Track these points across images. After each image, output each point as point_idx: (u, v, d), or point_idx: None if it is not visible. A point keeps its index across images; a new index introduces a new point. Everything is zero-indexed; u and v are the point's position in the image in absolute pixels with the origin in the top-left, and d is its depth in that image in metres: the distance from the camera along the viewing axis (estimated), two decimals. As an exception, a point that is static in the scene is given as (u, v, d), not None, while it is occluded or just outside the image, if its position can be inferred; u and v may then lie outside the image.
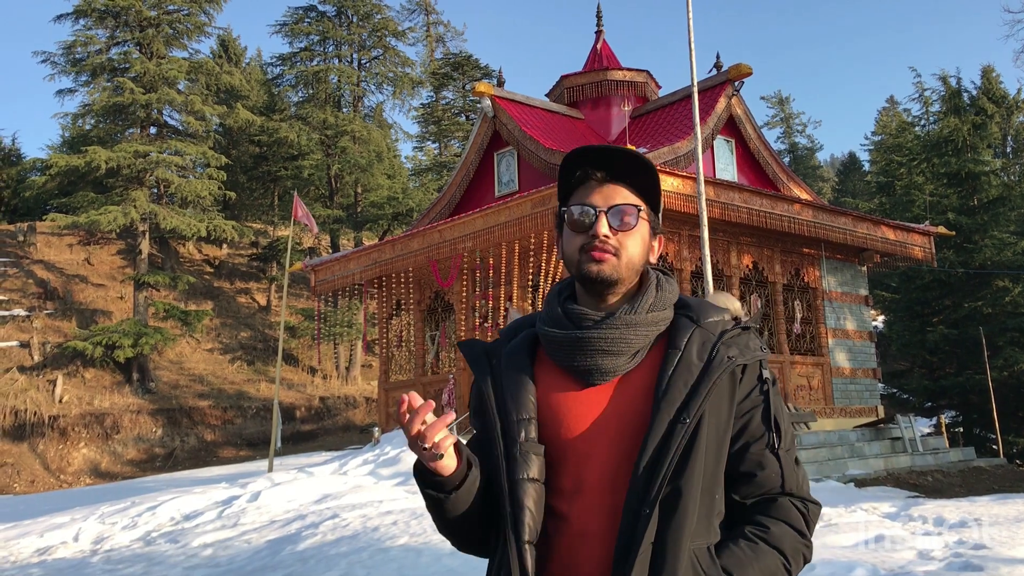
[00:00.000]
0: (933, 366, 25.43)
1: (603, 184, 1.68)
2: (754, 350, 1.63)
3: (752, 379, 1.63)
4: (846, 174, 62.28)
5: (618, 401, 1.60)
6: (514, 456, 1.59)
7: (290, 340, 33.16)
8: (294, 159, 38.13)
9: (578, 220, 1.66)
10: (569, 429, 1.61)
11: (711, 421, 1.55)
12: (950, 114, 27.26)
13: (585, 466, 1.59)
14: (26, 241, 36.97)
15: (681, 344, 1.61)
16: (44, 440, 26.34)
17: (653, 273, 1.72)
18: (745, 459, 1.62)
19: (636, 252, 1.66)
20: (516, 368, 1.68)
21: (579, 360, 1.62)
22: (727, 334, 1.63)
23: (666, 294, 1.68)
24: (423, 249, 16.62)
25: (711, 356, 1.58)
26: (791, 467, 1.63)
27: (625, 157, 1.67)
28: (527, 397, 1.64)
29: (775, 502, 1.62)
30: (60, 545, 10.16)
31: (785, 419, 1.65)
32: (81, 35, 31.85)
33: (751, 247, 16.33)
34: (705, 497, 1.54)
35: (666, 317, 1.66)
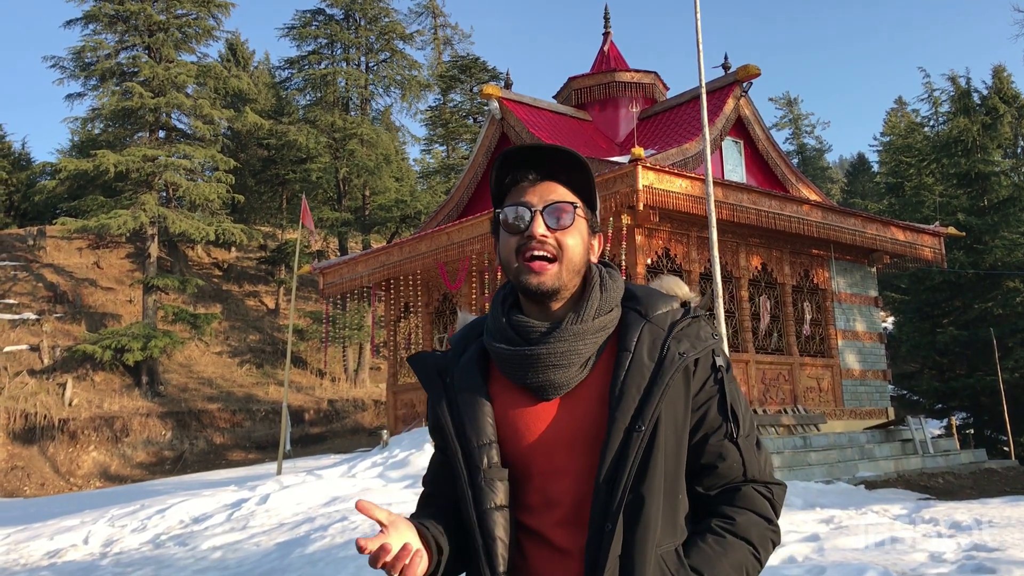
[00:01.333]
0: (943, 367, 25.33)
1: (537, 183, 1.61)
2: (705, 339, 1.59)
3: (705, 369, 1.59)
4: (855, 175, 62.09)
5: (574, 413, 1.56)
6: (479, 485, 1.55)
7: (299, 343, 33.21)
8: (302, 162, 38.20)
9: (512, 222, 1.59)
10: (530, 446, 1.57)
11: (668, 421, 1.52)
12: (960, 114, 27.15)
13: (551, 482, 1.56)
14: (36, 245, 37.12)
15: (631, 344, 1.56)
16: (54, 443, 26.42)
17: (596, 271, 1.65)
18: (705, 451, 1.59)
19: (576, 252, 1.59)
20: (470, 388, 1.62)
21: (530, 377, 1.56)
22: (677, 327, 1.59)
23: (611, 293, 1.62)
24: (431, 251, 16.62)
25: (662, 355, 1.54)
26: (752, 454, 1.60)
27: (557, 155, 1.61)
28: (485, 420, 1.58)
29: (739, 491, 1.59)
30: (70, 548, 10.18)
31: (742, 405, 1.61)
32: (90, 40, 31.98)
33: (760, 248, 16.27)
34: (668, 499, 1.52)
35: (613, 318, 1.61)
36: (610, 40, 20.60)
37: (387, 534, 1.44)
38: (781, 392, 15.87)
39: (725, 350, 1.65)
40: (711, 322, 1.65)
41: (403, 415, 18.90)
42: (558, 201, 1.59)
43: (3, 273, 34.41)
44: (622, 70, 19.38)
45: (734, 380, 1.63)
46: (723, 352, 1.63)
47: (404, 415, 18.85)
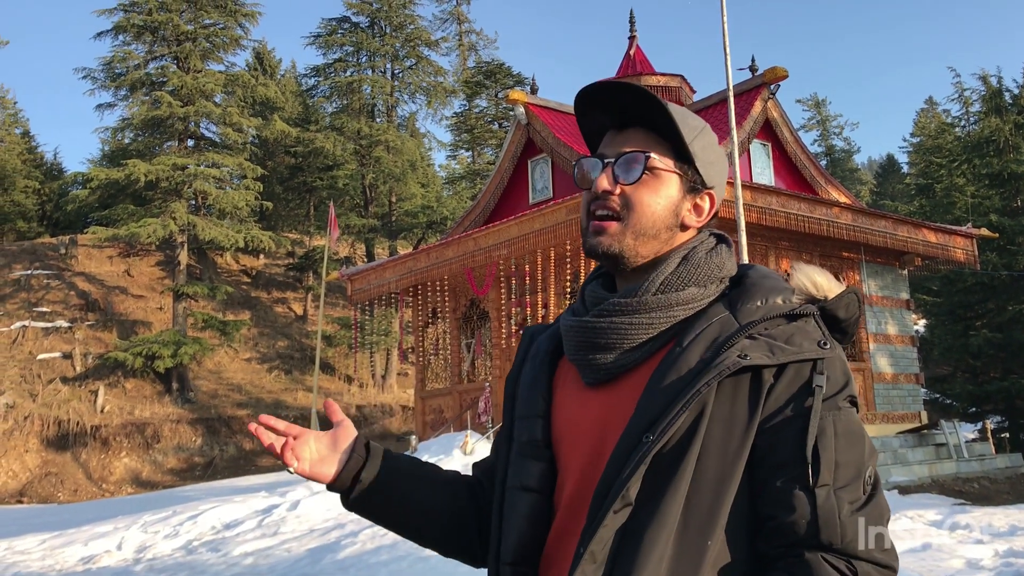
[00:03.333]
0: (977, 370, 24.98)
1: (618, 132, 1.37)
2: (798, 346, 1.21)
3: (791, 387, 1.20)
4: (884, 176, 61.53)
5: (607, 407, 1.29)
6: (511, 460, 1.37)
7: (327, 349, 33.37)
8: (329, 169, 38.44)
9: (580, 176, 1.38)
10: (561, 436, 1.34)
11: (714, 441, 1.18)
12: (991, 114, 26.79)
13: (564, 482, 1.32)
14: (68, 254, 37.60)
15: (687, 339, 1.24)
16: (87, 450, 26.72)
17: (696, 239, 1.37)
18: (767, 496, 1.18)
19: (648, 211, 1.32)
20: (537, 357, 1.44)
21: (573, 352, 1.34)
22: (758, 325, 1.23)
23: (694, 267, 1.30)
24: (458, 257, 16.65)
25: (715, 355, 1.20)
26: (833, 512, 1.15)
27: (634, 96, 1.33)
28: (536, 391, 1.39)
29: (801, 560, 1.15)
30: (104, 554, 10.28)
31: (840, 444, 1.19)
32: (120, 51, 32.39)
33: (789, 251, 16.15)
34: (689, 541, 1.16)
35: (688, 299, 1.28)
36: (636, 44, 20.55)
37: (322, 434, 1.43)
38: (812, 396, 15.72)
39: (843, 366, 1.23)
40: (821, 326, 1.26)
41: (431, 420, 18.92)
42: (629, 151, 1.33)
43: (36, 282, 34.88)
44: (648, 74, 19.32)
45: (844, 410, 1.22)
46: (834, 369, 1.22)
47: (432, 421, 18.87)
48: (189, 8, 32.54)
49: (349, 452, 1.44)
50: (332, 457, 1.43)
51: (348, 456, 1.43)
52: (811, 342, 1.22)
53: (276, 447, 1.40)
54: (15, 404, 27.16)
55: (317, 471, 1.41)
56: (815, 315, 1.26)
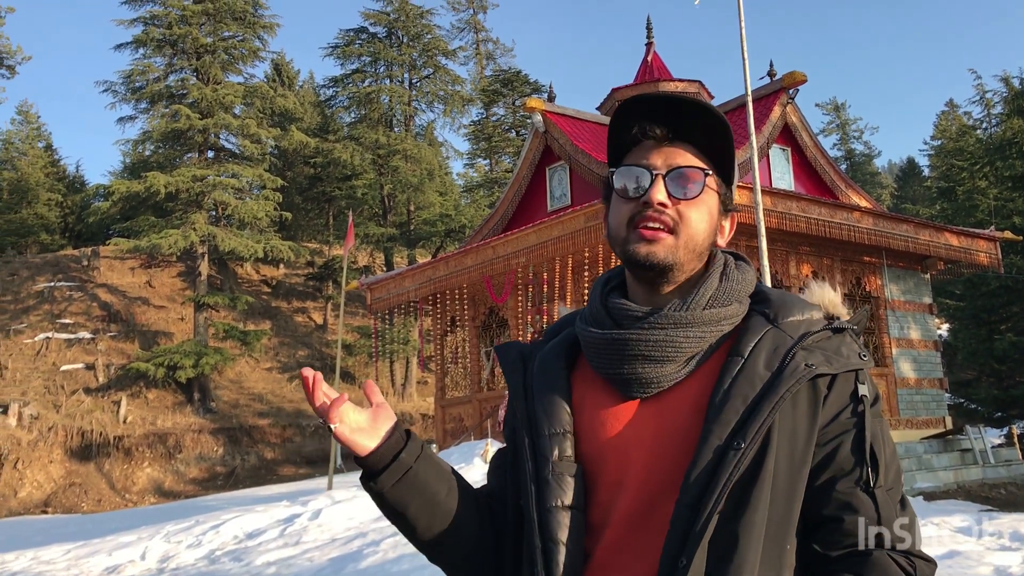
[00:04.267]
0: (1002, 375, 24.74)
1: (663, 144, 1.35)
2: (847, 357, 1.28)
3: (843, 396, 1.27)
4: (905, 180, 61.15)
5: (661, 419, 1.30)
6: (545, 479, 1.32)
7: (347, 358, 33.47)
8: (347, 179, 38.63)
9: (627, 185, 1.34)
10: (601, 451, 1.33)
11: (782, 448, 1.22)
12: (1013, 116, 26.61)
13: (616, 497, 1.30)
14: (90, 265, 37.95)
15: (746, 350, 1.28)
16: (110, 460, 26.91)
17: (722, 258, 1.40)
18: (829, 499, 1.25)
19: (700, 229, 1.33)
20: (549, 374, 1.41)
21: (616, 367, 1.32)
22: (810, 337, 1.29)
23: (734, 284, 1.35)
24: (477, 265, 16.65)
25: (783, 364, 1.25)
26: (891, 511, 1.24)
27: (694, 110, 1.34)
28: (560, 407, 1.36)
29: (869, 557, 1.22)
30: (128, 564, 10.33)
31: (887, 449, 1.28)
32: (140, 64, 32.72)
33: (810, 256, 16.05)
34: (771, 547, 1.21)
35: (732, 315, 1.33)
36: (653, 50, 20.52)
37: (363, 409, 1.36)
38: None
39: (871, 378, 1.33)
40: (859, 341, 1.34)
41: (451, 429, 18.92)
42: (686, 166, 1.33)
43: (59, 293, 35.21)
44: (666, 80, 19.28)
45: (880, 416, 1.31)
46: (870, 379, 1.31)
47: (453, 429, 18.86)
48: (208, 21, 32.83)
49: (391, 431, 1.36)
50: (372, 430, 1.35)
51: (390, 434, 1.36)
52: (854, 354, 1.30)
53: (325, 402, 1.32)
54: (39, 415, 27.40)
55: (355, 439, 1.33)
56: (851, 330, 1.33)
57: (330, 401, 1.32)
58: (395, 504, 1.36)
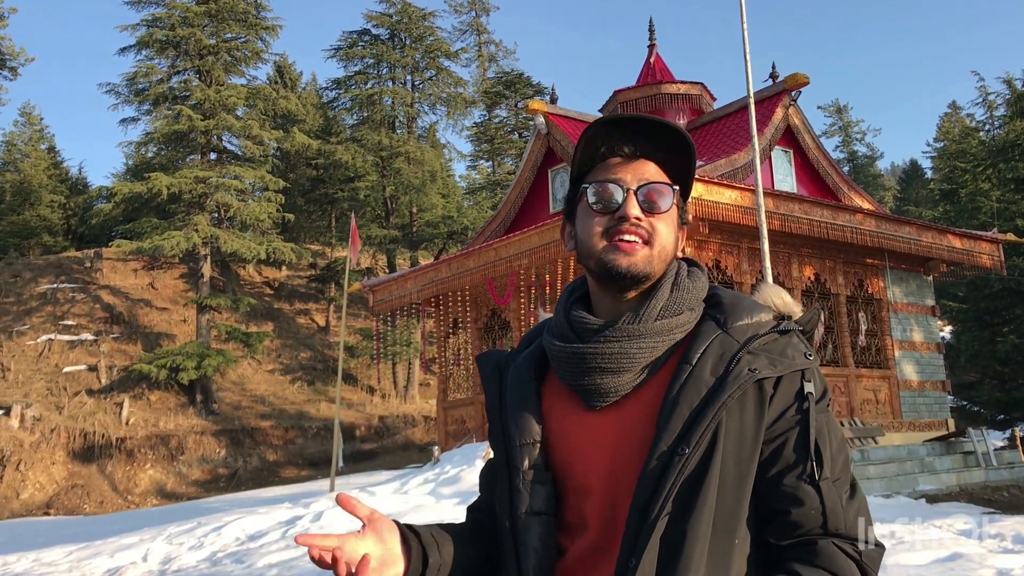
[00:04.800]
0: (1005, 377, 24.70)
1: (632, 160, 1.43)
2: (792, 359, 1.35)
3: (788, 395, 1.34)
4: (908, 182, 61.09)
5: (621, 426, 1.37)
6: (516, 487, 1.41)
7: (349, 360, 33.46)
8: (350, 181, 38.64)
9: (603, 199, 1.40)
10: (570, 458, 1.40)
11: (729, 448, 1.30)
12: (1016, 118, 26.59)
13: (584, 502, 1.38)
14: (93, 267, 37.98)
15: (695, 357, 1.35)
16: (112, 462, 26.92)
17: (675, 266, 1.46)
18: (777, 493, 1.32)
19: (669, 241, 1.42)
20: (520, 385, 1.48)
21: (578, 378, 1.40)
22: (756, 340, 1.35)
23: (684, 294, 1.41)
24: (479, 267, 16.65)
25: (727, 370, 1.31)
26: (836, 502, 1.31)
27: (660, 130, 1.41)
28: (529, 418, 1.44)
29: (815, 546, 1.30)
30: (130, 565, 10.33)
31: (833, 442, 1.35)
32: (143, 65, 32.73)
33: (813, 258, 16.04)
34: (719, 541, 1.28)
35: (683, 323, 1.39)
36: (655, 52, 20.53)
37: (361, 534, 1.33)
38: (837, 404, 15.59)
39: (820, 375, 1.39)
40: (806, 341, 1.41)
41: (454, 431, 18.92)
42: (656, 182, 1.41)
43: (62, 295, 35.24)
44: (668, 82, 19.30)
45: (827, 412, 1.37)
46: (816, 377, 1.37)
47: (455, 431, 18.87)
48: (211, 22, 32.85)
49: (405, 546, 1.39)
50: (390, 558, 1.36)
51: (408, 552, 1.39)
52: (800, 354, 1.37)
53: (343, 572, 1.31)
54: (42, 417, 27.42)
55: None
56: (797, 330, 1.40)
57: (356, 568, 1.29)
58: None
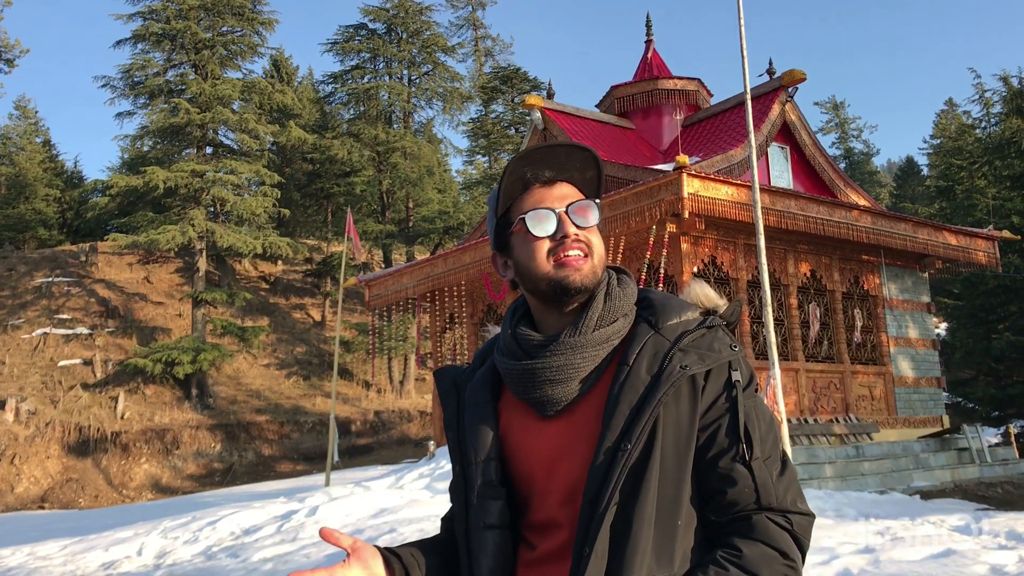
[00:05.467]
0: (1000, 374, 24.76)
1: (550, 185, 1.53)
2: (718, 351, 1.46)
3: (718, 384, 1.45)
4: (904, 179, 61.12)
5: (573, 430, 1.48)
6: (471, 502, 1.52)
7: (345, 355, 33.45)
8: (346, 176, 38.58)
9: (541, 224, 1.50)
10: (530, 466, 1.50)
11: (668, 441, 1.41)
12: (1012, 115, 26.60)
13: (546, 502, 1.49)
14: (88, 261, 37.91)
15: (631, 358, 1.46)
16: (107, 456, 26.90)
17: (604, 276, 1.55)
18: (714, 475, 1.44)
19: (601, 251, 1.53)
20: (476, 403, 1.58)
21: (529, 392, 1.50)
22: (686, 337, 1.46)
23: (616, 302, 1.51)
24: (475, 262, 16.65)
25: (661, 368, 1.43)
26: (768, 479, 1.43)
27: (568, 153, 1.52)
28: (485, 436, 1.53)
29: (750, 520, 1.42)
30: (124, 559, 10.32)
31: (761, 424, 1.46)
32: (139, 59, 32.66)
33: (808, 255, 16.05)
34: (663, 525, 1.39)
35: (619, 329, 1.50)
36: (652, 48, 20.51)
37: (346, 564, 1.44)
38: (832, 401, 15.62)
39: (746, 363, 1.52)
40: (730, 333, 1.53)
41: (449, 426, 18.91)
42: (580, 200, 1.52)
43: (57, 289, 35.18)
44: (665, 77, 19.28)
45: (755, 397, 1.49)
46: (743, 365, 1.49)
47: (450, 426, 18.86)
48: (207, 16, 32.78)
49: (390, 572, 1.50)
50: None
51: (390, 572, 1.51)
52: (726, 347, 1.48)
53: None
54: (36, 411, 27.39)
55: None
56: (721, 325, 1.52)
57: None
58: None
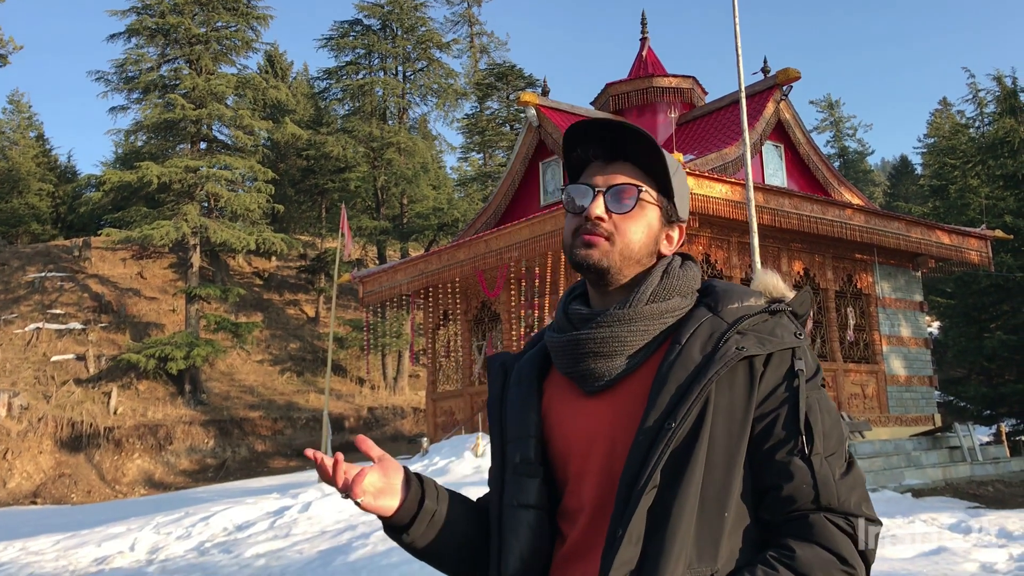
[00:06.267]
0: (991, 373, 24.82)
1: (607, 163, 1.50)
2: (780, 337, 1.38)
3: (778, 372, 1.37)
4: (898, 178, 61.27)
5: (616, 409, 1.41)
6: (507, 480, 1.47)
7: (338, 351, 33.42)
8: (341, 172, 38.52)
9: (573, 201, 1.49)
10: (568, 446, 1.44)
11: (719, 424, 1.33)
12: (1006, 115, 26.64)
13: (582, 486, 1.42)
14: (81, 256, 37.80)
15: (684, 337, 1.39)
16: (100, 451, 26.84)
17: (667, 259, 1.51)
18: (769, 468, 1.35)
19: (635, 239, 1.46)
20: (522, 382, 1.54)
21: (573, 366, 1.45)
22: (745, 320, 1.39)
23: (675, 281, 1.46)
24: (469, 259, 16.65)
25: (715, 348, 1.35)
26: (828, 476, 1.33)
27: (627, 134, 1.48)
28: (527, 414, 1.49)
29: (806, 520, 1.32)
30: (117, 555, 10.31)
31: (825, 419, 1.38)
32: (133, 53, 32.57)
33: (802, 253, 16.09)
34: (708, 515, 1.31)
35: (674, 308, 1.44)
36: (647, 45, 20.52)
37: (370, 468, 1.44)
38: (825, 399, 15.66)
39: (812, 354, 1.44)
40: (796, 321, 1.44)
41: (442, 423, 18.93)
42: (621, 184, 1.47)
43: (50, 284, 35.08)
44: (660, 75, 19.29)
45: (819, 389, 1.40)
46: (808, 355, 1.41)
47: (443, 423, 18.88)
48: (201, 11, 32.69)
49: (406, 483, 1.49)
50: (388, 489, 1.47)
51: (406, 487, 1.48)
52: (789, 333, 1.40)
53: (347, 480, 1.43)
54: (29, 405, 27.32)
55: (379, 504, 1.45)
56: (787, 311, 1.44)
57: (352, 478, 1.42)
58: (427, 549, 1.50)
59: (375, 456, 1.48)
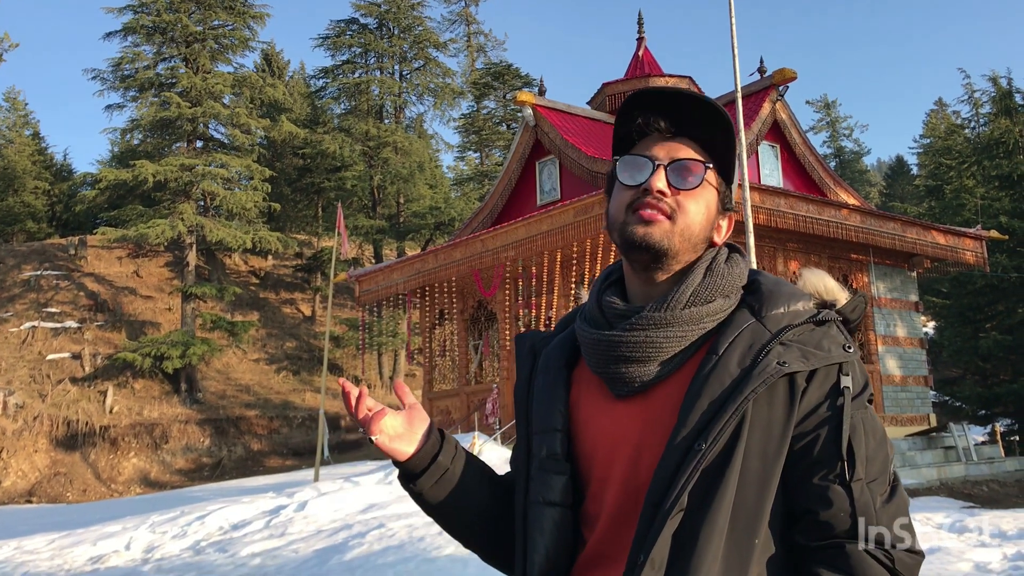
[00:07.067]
0: (987, 373, 24.90)
1: (669, 137, 1.37)
2: (827, 351, 1.27)
3: (823, 389, 1.26)
4: (894, 178, 61.35)
5: (646, 417, 1.31)
6: (532, 475, 1.39)
7: (335, 350, 33.40)
8: (337, 170, 38.49)
9: (631, 172, 1.36)
10: (594, 447, 1.36)
11: (754, 443, 1.23)
12: (1001, 115, 26.73)
13: (605, 492, 1.34)
14: (77, 254, 37.73)
15: (722, 347, 1.27)
16: (95, 450, 26.81)
17: (712, 251, 1.39)
18: (806, 492, 1.25)
19: (696, 220, 1.34)
20: (550, 370, 1.44)
21: (603, 367, 1.35)
22: (790, 331, 1.28)
23: (718, 279, 1.34)
24: (466, 259, 16.65)
25: (754, 363, 1.24)
26: (869, 504, 1.23)
27: (697, 105, 1.35)
28: (554, 405, 1.40)
29: (842, 550, 1.22)
30: (112, 554, 10.30)
31: (870, 442, 1.27)
32: (129, 51, 32.49)
33: (798, 253, 16.12)
34: (738, 540, 1.22)
35: (715, 311, 1.32)
36: (644, 45, 20.54)
37: (399, 413, 1.44)
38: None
39: (861, 368, 1.31)
40: (845, 331, 1.33)
41: (439, 422, 18.94)
42: (687, 158, 1.35)
43: (46, 282, 35.02)
44: (656, 75, 19.31)
45: (866, 408, 1.29)
46: (856, 370, 1.29)
47: (440, 422, 18.89)
48: (198, 9, 32.64)
49: (427, 434, 1.45)
50: (408, 435, 1.43)
51: (426, 437, 1.45)
52: (837, 346, 1.28)
53: (367, 415, 1.42)
54: (24, 404, 27.28)
55: (395, 446, 1.42)
56: (837, 321, 1.32)
57: (372, 414, 1.41)
58: (434, 502, 1.45)
59: (407, 403, 1.45)
